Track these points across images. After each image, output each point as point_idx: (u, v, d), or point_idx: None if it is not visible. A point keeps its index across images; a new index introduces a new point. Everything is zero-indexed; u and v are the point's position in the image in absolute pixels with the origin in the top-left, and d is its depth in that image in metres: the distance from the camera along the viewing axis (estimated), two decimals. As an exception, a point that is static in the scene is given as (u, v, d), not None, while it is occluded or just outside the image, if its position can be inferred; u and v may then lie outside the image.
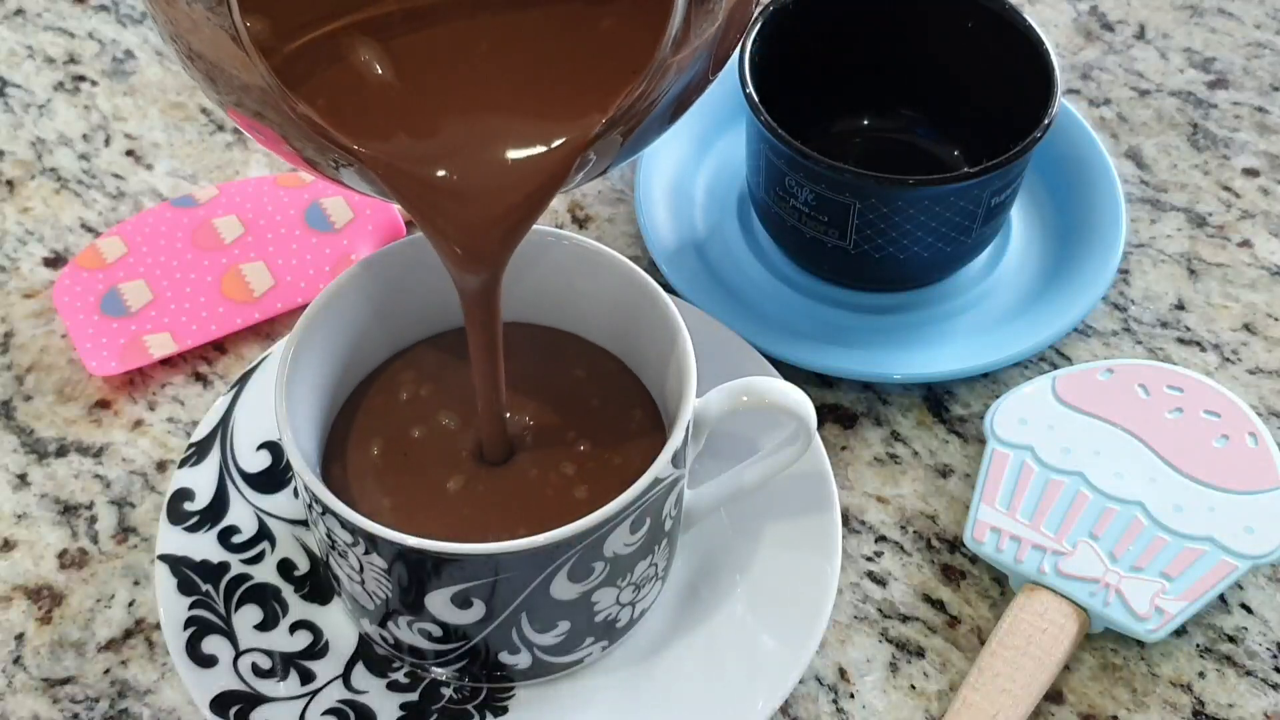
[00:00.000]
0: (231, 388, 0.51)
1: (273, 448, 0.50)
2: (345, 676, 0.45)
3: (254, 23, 0.36)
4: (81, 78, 0.66)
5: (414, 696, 0.45)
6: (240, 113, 0.39)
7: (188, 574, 0.47)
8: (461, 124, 0.39)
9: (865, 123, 0.60)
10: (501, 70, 0.39)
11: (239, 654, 0.45)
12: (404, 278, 0.46)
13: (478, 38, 0.39)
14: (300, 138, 0.38)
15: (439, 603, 0.41)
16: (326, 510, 0.40)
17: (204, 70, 0.38)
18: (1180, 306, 0.58)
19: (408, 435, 0.45)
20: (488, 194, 0.39)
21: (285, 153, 0.40)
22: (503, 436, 0.44)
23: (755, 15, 0.55)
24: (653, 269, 0.56)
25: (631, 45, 0.37)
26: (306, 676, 0.45)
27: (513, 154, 0.38)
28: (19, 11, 0.69)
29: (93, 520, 0.51)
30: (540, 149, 0.38)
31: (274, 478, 0.49)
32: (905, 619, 0.49)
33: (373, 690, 0.45)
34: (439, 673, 0.45)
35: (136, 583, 0.50)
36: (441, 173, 0.38)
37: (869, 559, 0.50)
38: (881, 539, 0.51)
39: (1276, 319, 0.58)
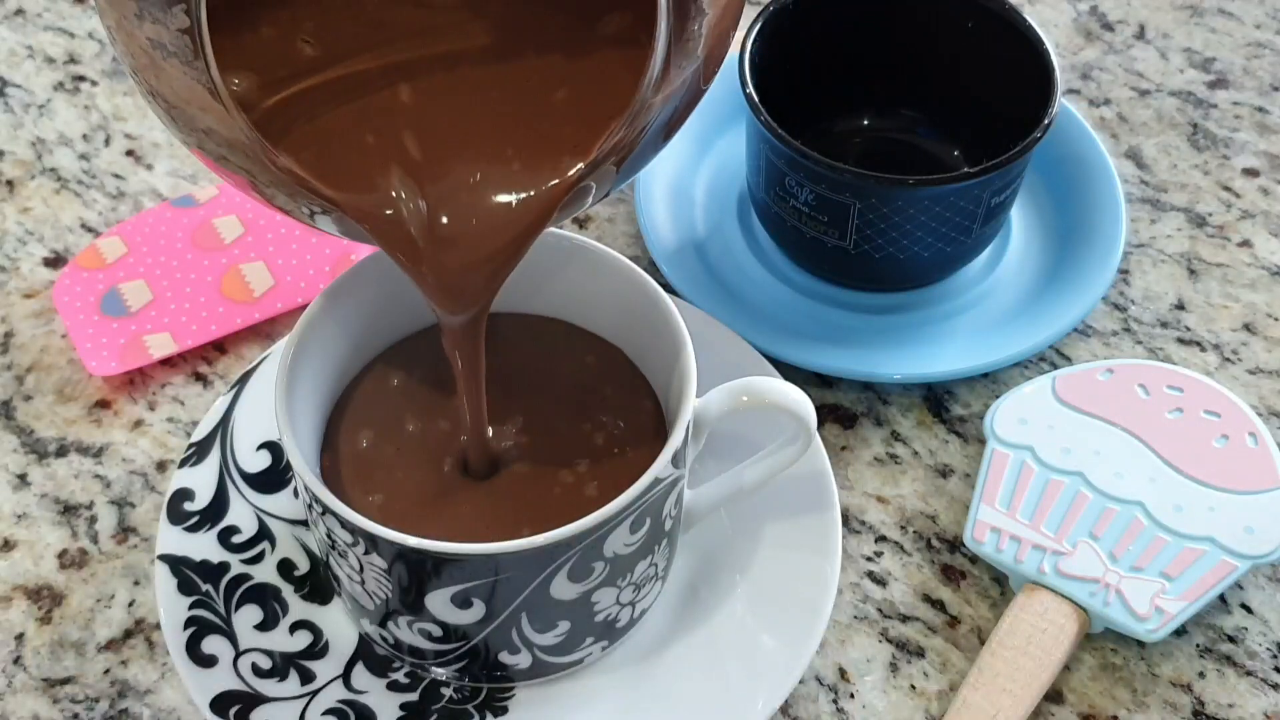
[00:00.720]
0: (231, 388, 0.51)
1: (273, 448, 0.50)
2: (345, 676, 0.45)
3: (233, 79, 0.35)
4: (81, 78, 0.66)
5: (414, 696, 0.45)
6: (204, 155, 0.38)
7: (188, 574, 0.47)
8: (444, 174, 0.39)
9: (865, 123, 0.60)
10: (483, 119, 0.39)
11: (239, 654, 0.45)
12: (404, 278, 0.46)
13: (459, 88, 0.39)
14: (271, 184, 0.38)
15: (439, 603, 0.41)
16: (326, 510, 0.40)
17: (165, 108, 0.37)
18: (1180, 306, 0.58)
19: (405, 431, 0.45)
20: (470, 243, 0.39)
21: (253, 196, 0.40)
22: (487, 455, 0.44)
23: (755, 15, 0.55)
24: (653, 269, 0.56)
25: (611, 89, 0.37)
26: (306, 676, 0.45)
27: (495, 202, 0.39)
28: (19, 11, 0.69)
29: (93, 520, 0.51)
30: (522, 196, 0.39)
31: (274, 478, 0.49)
32: (905, 619, 0.49)
33: (373, 690, 0.45)
34: (439, 673, 0.45)
35: (136, 583, 0.50)
36: (425, 223, 0.38)
37: (869, 559, 0.50)
38: (881, 539, 0.51)
39: (1276, 319, 0.58)
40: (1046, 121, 0.51)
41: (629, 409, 0.46)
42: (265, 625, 0.46)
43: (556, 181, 0.39)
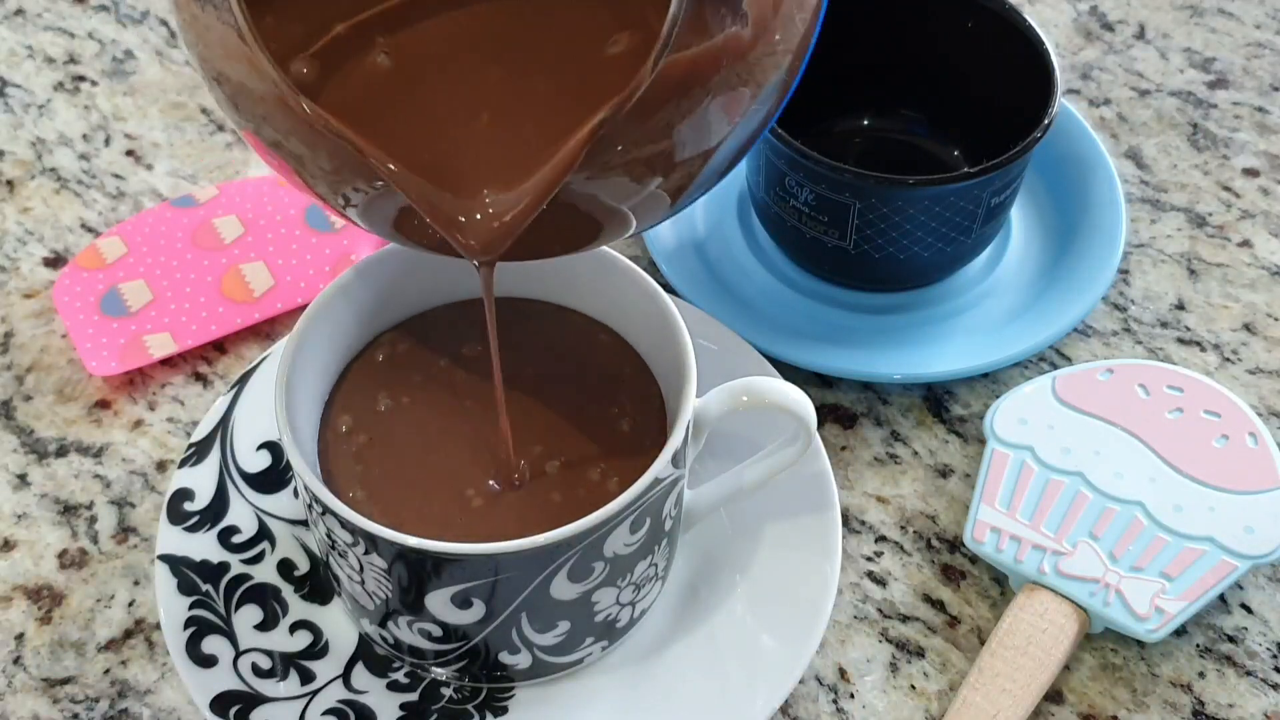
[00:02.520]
0: (231, 388, 0.51)
1: (273, 448, 0.50)
2: (345, 676, 0.45)
3: (260, 20, 0.36)
4: (81, 78, 0.66)
5: (414, 696, 0.45)
6: (258, 140, 0.39)
7: (188, 574, 0.47)
8: (467, 127, 0.39)
9: (865, 123, 0.60)
10: (510, 75, 0.39)
11: (239, 654, 0.45)
12: (403, 278, 0.46)
13: (497, 54, 0.39)
14: (315, 161, 0.38)
15: (439, 603, 0.41)
16: (326, 510, 0.40)
17: (229, 94, 0.38)
18: (1180, 306, 0.58)
19: (403, 426, 0.45)
20: (497, 200, 0.39)
21: (297, 183, 0.40)
22: (497, 448, 0.44)
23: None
24: (653, 269, 0.56)
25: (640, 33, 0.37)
26: (306, 676, 0.45)
27: (525, 148, 0.38)
28: (19, 11, 0.69)
29: (93, 520, 0.51)
30: (549, 143, 0.38)
31: (274, 478, 0.49)
32: (905, 619, 0.49)
33: (373, 690, 0.45)
34: (439, 673, 0.45)
35: (136, 583, 0.50)
36: (450, 181, 0.39)
37: (869, 559, 0.50)
38: (881, 539, 0.51)
39: (1276, 319, 0.58)
40: (1046, 121, 0.51)
41: (633, 406, 0.46)
42: (265, 625, 0.46)
43: (580, 130, 0.38)
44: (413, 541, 0.39)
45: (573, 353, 0.47)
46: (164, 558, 0.47)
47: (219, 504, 0.48)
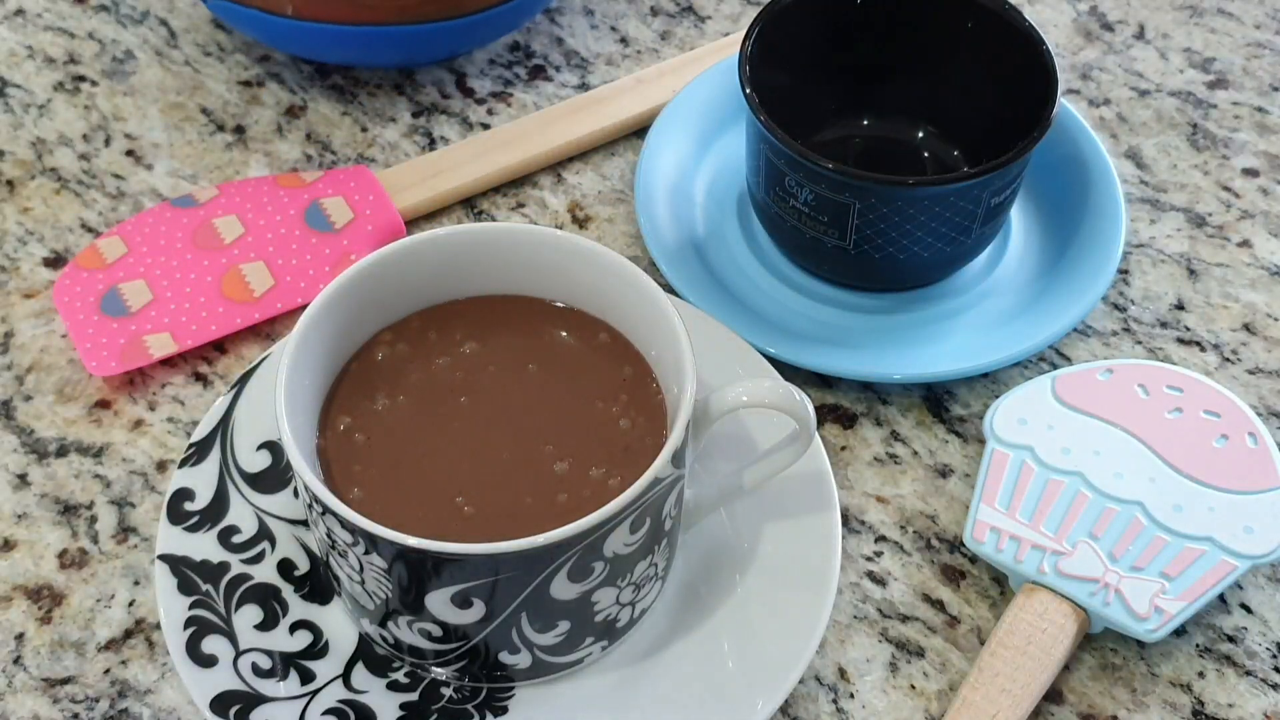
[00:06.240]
0: (231, 388, 0.51)
1: (273, 448, 0.50)
2: (345, 676, 0.45)
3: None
4: (81, 78, 0.66)
5: (414, 696, 0.45)
6: None
7: (188, 574, 0.47)
8: None
9: (865, 123, 0.60)
10: None
11: (239, 654, 0.45)
12: (402, 277, 0.46)
13: None
14: None
15: (439, 602, 0.41)
16: (326, 510, 0.40)
17: None
18: (1180, 306, 0.58)
19: (401, 427, 0.45)
20: None
21: None
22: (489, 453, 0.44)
23: (755, 15, 0.55)
24: (653, 269, 0.56)
25: None
26: (306, 676, 0.45)
27: None
28: (19, 11, 0.69)
29: (93, 520, 0.51)
30: None
31: (274, 478, 0.49)
32: (905, 619, 0.49)
33: (373, 690, 0.45)
34: (439, 673, 0.45)
35: (136, 583, 0.50)
36: None
37: (869, 559, 0.50)
38: (881, 539, 0.51)
39: (1276, 319, 0.58)
40: (1046, 121, 0.51)
41: (633, 406, 0.46)
42: (265, 625, 0.46)
43: None
44: (413, 541, 0.39)
45: (573, 353, 0.47)
46: (164, 558, 0.47)
47: (219, 504, 0.48)
